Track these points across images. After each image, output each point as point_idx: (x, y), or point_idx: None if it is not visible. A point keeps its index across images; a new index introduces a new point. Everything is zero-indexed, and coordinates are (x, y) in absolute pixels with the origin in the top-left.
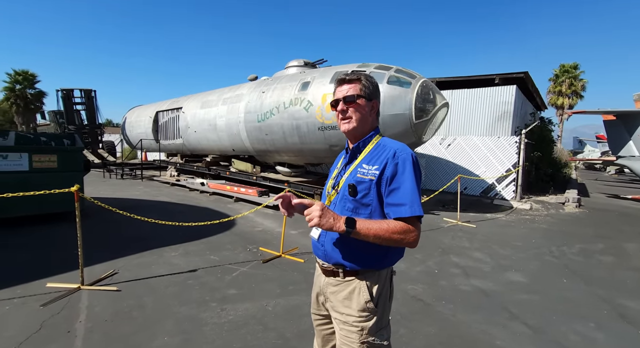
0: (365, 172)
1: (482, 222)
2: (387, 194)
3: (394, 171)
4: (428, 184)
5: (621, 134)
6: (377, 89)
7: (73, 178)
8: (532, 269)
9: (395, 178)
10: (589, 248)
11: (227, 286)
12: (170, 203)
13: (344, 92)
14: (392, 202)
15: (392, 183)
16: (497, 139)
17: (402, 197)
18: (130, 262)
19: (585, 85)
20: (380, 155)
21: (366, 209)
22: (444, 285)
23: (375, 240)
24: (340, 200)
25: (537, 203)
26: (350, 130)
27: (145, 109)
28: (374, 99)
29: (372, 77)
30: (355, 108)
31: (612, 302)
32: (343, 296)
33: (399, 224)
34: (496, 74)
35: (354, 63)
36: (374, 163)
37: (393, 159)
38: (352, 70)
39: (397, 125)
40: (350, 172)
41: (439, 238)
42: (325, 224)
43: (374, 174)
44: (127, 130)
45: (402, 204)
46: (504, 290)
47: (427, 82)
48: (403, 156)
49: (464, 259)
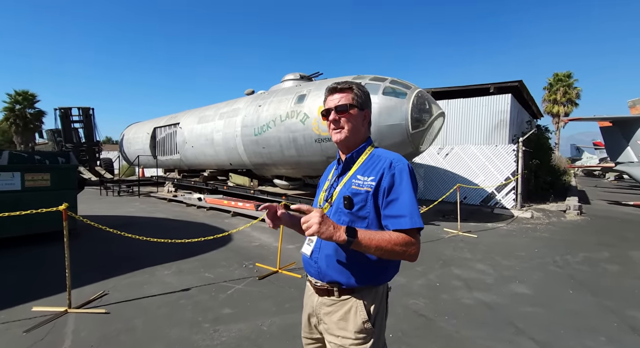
0: (360, 183)
1: (483, 231)
2: (385, 206)
3: (391, 182)
4: (427, 194)
5: (618, 140)
6: (369, 98)
7: (66, 196)
8: (537, 280)
9: (393, 190)
10: (593, 257)
11: (221, 305)
12: (166, 219)
13: (336, 101)
14: (391, 213)
15: (389, 194)
16: (495, 148)
17: (401, 208)
18: (121, 282)
19: (579, 93)
20: (375, 165)
21: (362, 222)
22: (446, 299)
23: (376, 252)
24: (335, 213)
25: (538, 212)
26: (343, 141)
27: (143, 126)
28: (366, 108)
29: (363, 87)
30: (348, 118)
31: (621, 313)
32: (338, 317)
33: (400, 236)
34: (491, 83)
35: (350, 75)
36: (369, 174)
37: (389, 169)
38: (345, 81)
39: (394, 135)
40: (344, 183)
41: (439, 250)
42: (325, 232)
43: (370, 185)
44: (125, 147)
45: (401, 216)
46: (509, 303)
47: (422, 92)
48: (400, 166)
49: (466, 271)
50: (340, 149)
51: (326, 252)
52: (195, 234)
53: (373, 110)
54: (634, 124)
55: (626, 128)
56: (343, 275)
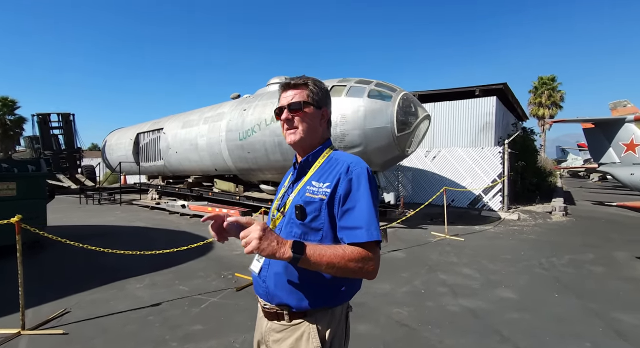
0: (315, 191)
1: (470, 234)
2: (341, 216)
3: (347, 188)
4: (415, 197)
5: (601, 142)
6: (327, 95)
7: (34, 206)
8: (522, 284)
9: (349, 197)
10: (578, 259)
11: (192, 321)
12: (146, 228)
13: (289, 99)
14: (346, 224)
15: (345, 202)
16: (481, 150)
17: (357, 218)
18: (86, 298)
19: (563, 96)
20: (332, 170)
21: (316, 234)
22: (431, 306)
23: (327, 270)
24: (287, 225)
25: (525, 213)
26: (297, 142)
27: (126, 131)
28: (324, 106)
29: (321, 82)
30: (302, 117)
31: (606, 316)
32: (288, 345)
33: (356, 250)
34: (476, 86)
35: (335, 78)
36: (325, 179)
37: (346, 174)
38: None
39: (380, 138)
40: (298, 190)
41: (426, 254)
42: (266, 249)
43: (324, 193)
44: (107, 154)
45: (357, 227)
46: (494, 309)
47: (407, 95)
48: (357, 171)
49: (452, 276)
50: (296, 151)
51: (275, 269)
52: (175, 243)
53: (358, 113)
54: (614, 125)
55: (608, 129)
56: (293, 297)
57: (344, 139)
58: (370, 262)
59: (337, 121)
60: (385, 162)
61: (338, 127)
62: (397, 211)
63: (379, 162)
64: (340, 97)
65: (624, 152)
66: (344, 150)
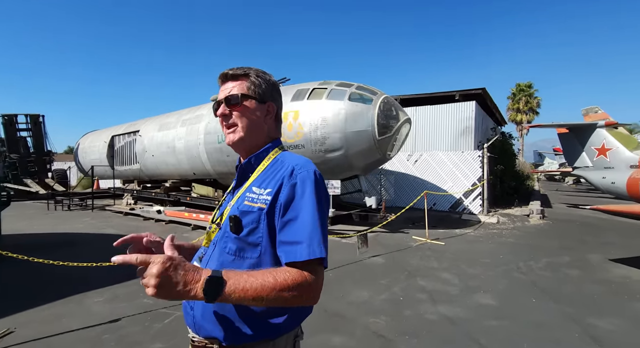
0: (254, 198)
1: (451, 238)
2: (280, 228)
3: (290, 195)
4: (397, 201)
5: (574, 146)
6: (274, 88)
7: None
8: (501, 289)
9: (291, 206)
10: (555, 262)
11: (152, 338)
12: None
13: (227, 92)
14: (286, 238)
15: (286, 212)
16: (462, 154)
17: (298, 231)
18: (36, 315)
19: (539, 103)
20: (275, 174)
21: (254, 251)
22: (409, 315)
23: (255, 304)
24: (221, 239)
25: (504, 217)
26: (236, 142)
27: (101, 134)
28: (269, 100)
29: (266, 73)
30: (241, 112)
31: (582, 322)
32: None
33: (291, 275)
34: (456, 91)
35: (316, 81)
36: (266, 185)
37: (290, 178)
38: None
39: (361, 142)
40: (236, 198)
41: (406, 260)
42: (169, 292)
43: (265, 201)
44: (80, 157)
45: (297, 242)
46: (472, 316)
47: (388, 98)
48: (302, 174)
49: (432, 282)
50: (238, 153)
51: None
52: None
53: (339, 116)
54: (587, 130)
55: (581, 134)
56: (223, 329)
57: (324, 142)
58: (307, 288)
59: (317, 124)
60: (367, 166)
61: (319, 130)
62: (378, 215)
63: (360, 165)
64: (321, 100)
65: (596, 156)
66: (324, 154)
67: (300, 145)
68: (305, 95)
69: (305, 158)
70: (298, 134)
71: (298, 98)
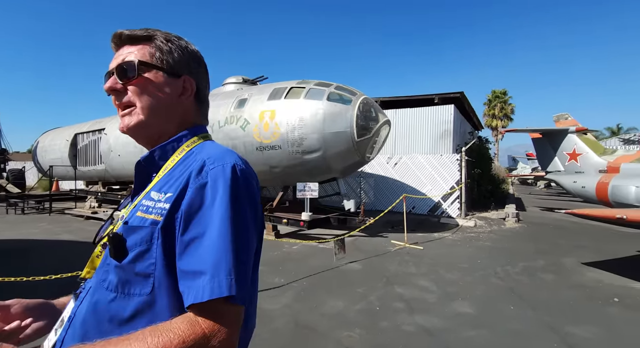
0: (149, 208)
1: (429, 242)
2: (181, 251)
3: (195, 201)
4: (377, 204)
5: (547, 151)
6: (192, 57)
7: None
8: (479, 296)
9: (196, 217)
10: (531, 266)
11: None
12: (72, 243)
13: (120, 59)
14: (186, 267)
15: (188, 227)
16: (440, 157)
17: (202, 256)
18: None
19: (513, 109)
20: (184, 171)
21: (144, 284)
22: (385, 327)
23: None
24: (100, 268)
25: (481, 220)
26: (133, 129)
27: (62, 132)
28: (185, 74)
29: (182, 39)
30: (141, 87)
31: (559, 330)
32: None
33: (187, 329)
34: (435, 94)
35: (294, 80)
36: (168, 188)
37: (197, 176)
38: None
39: (339, 143)
40: (132, 208)
41: (384, 265)
42: None
43: (161, 211)
44: (40, 156)
45: (199, 273)
46: (450, 326)
47: (368, 99)
48: (215, 171)
49: (409, 289)
50: (140, 144)
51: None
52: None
53: (317, 116)
54: (559, 135)
55: (553, 139)
56: None
57: (302, 143)
58: (216, 338)
59: (295, 124)
60: (346, 168)
61: (296, 130)
62: (357, 219)
63: (338, 167)
64: (299, 99)
65: (567, 161)
66: (302, 155)
67: (277, 146)
68: (282, 94)
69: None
70: (274, 134)
71: (275, 97)
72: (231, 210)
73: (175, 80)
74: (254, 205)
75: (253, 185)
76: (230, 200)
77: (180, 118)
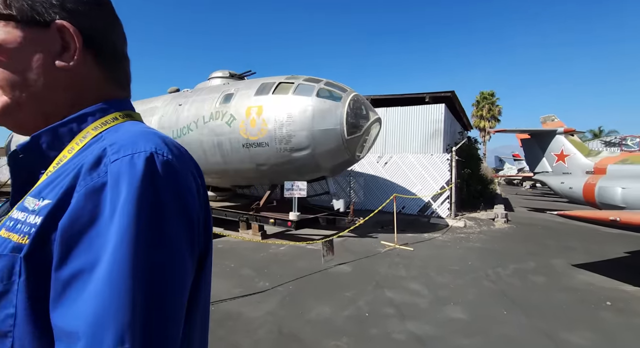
0: (17, 224)
1: (419, 243)
2: (56, 295)
3: (80, 214)
4: (367, 204)
5: (536, 152)
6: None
7: None
8: (471, 300)
9: (82, 241)
10: (522, 268)
11: None
12: None
13: None
14: (60, 322)
15: (68, 257)
16: (431, 157)
17: (82, 307)
18: None
19: (501, 111)
20: (76, 166)
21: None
22: (375, 334)
23: None
24: None
25: (470, 220)
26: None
27: None
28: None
29: None
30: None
31: (554, 337)
32: None
33: None
34: (426, 93)
35: (282, 75)
36: (48, 192)
37: (89, 174)
38: None
39: (329, 141)
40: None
41: (374, 268)
42: None
43: (28, 229)
44: None
45: (74, 335)
46: (442, 333)
47: (358, 96)
48: (119, 165)
49: (400, 294)
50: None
51: None
52: None
53: (306, 112)
54: (547, 136)
55: (541, 140)
56: None
57: (290, 140)
58: None
59: (283, 121)
60: (335, 167)
61: (284, 127)
62: (346, 219)
63: (328, 166)
64: (288, 95)
65: (555, 161)
66: (290, 153)
67: (264, 143)
68: (270, 89)
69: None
70: (262, 130)
71: (262, 92)
72: (142, 226)
73: (42, 31)
74: (185, 215)
75: (185, 184)
76: (138, 210)
77: (73, 91)
